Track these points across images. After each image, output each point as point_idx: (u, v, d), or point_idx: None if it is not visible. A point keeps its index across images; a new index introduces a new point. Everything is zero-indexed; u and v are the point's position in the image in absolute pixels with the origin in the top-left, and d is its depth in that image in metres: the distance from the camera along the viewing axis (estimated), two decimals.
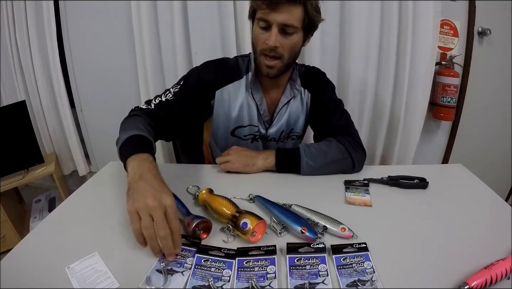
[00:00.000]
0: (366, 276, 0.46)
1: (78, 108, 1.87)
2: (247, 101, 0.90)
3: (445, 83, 1.46)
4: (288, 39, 0.77)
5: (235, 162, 0.81)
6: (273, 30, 0.75)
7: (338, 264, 0.49)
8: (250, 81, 0.88)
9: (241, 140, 0.95)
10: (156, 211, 0.49)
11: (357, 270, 0.48)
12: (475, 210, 0.63)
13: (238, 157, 0.82)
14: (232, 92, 0.90)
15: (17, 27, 1.65)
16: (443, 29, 1.44)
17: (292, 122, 0.95)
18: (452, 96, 1.47)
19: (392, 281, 0.45)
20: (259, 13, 0.76)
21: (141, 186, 0.53)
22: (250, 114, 0.92)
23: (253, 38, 0.82)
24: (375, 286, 0.44)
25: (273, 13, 0.73)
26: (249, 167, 0.81)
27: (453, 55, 1.46)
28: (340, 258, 0.50)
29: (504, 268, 0.44)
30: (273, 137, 0.96)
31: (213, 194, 0.66)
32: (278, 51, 0.77)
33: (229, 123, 0.93)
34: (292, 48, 0.80)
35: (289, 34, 0.77)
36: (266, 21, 0.75)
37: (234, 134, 0.95)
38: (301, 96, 0.94)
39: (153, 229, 0.49)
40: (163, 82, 1.58)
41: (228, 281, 0.47)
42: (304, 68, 0.96)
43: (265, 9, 0.73)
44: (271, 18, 0.74)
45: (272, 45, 0.76)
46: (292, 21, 0.75)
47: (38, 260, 0.52)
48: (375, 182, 0.75)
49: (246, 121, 0.92)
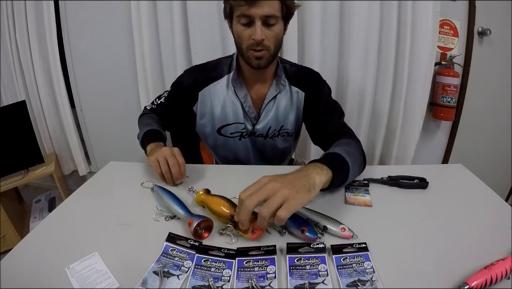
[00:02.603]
0: (366, 276, 0.46)
1: (78, 108, 1.87)
2: (230, 99, 0.92)
3: (445, 83, 1.46)
4: (271, 31, 0.79)
5: (290, 195, 0.51)
6: (257, 24, 0.76)
7: (338, 264, 0.49)
8: (232, 79, 0.90)
9: (228, 138, 0.97)
10: (167, 152, 0.75)
11: (357, 270, 0.48)
12: (475, 210, 0.63)
13: (285, 188, 0.51)
14: (212, 92, 0.93)
15: (17, 27, 1.65)
16: (443, 29, 1.44)
17: (281, 119, 0.95)
18: (452, 96, 1.47)
19: (392, 281, 0.45)
20: (238, 10, 0.77)
21: (156, 149, 0.78)
22: (234, 112, 0.93)
23: (236, 37, 0.83)
24: (375, 286, 0.44)
25: (253, 7, 0.74)
26: (312, 189, 0.55)
27: (453, 55, 1.46)
28: (340, 258, 0.50)
29: (504, 268, 0.44)
30: (260, 133, 0.96)
31: (210, 194, 0.65)
32: (264, 44, 0.79)
33: (214, 122, 0.96)
34: (277, 38, 0.81)
35: (272, 25, 0.78)
36: (248, 17, 0.76)
37: (221, 133, 0.97)
38: (290, 93, 0.94)
39: (167, 166, 0.73)
40: (162, 82, 1.58)
41: (228, 281, 0.47)
42: (296, 67, 0.96)
43: (244, 5, 0.74)
44: (252, 12, 0.75)
45: (259, 38, 0.77)
46: (273, 11, 0.76)
47: (38, 260, 0.52)
48: (375, 182, 0.75)
49: (231, 119, 0.94)
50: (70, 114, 1.82)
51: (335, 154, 0.66)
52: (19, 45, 1.69)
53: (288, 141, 1.01)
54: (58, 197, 1.89)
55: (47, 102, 1.81)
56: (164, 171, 0.73)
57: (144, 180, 0.77)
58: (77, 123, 1.90)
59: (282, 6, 0.78)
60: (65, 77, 1.75)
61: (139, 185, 0.75)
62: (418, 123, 1.51)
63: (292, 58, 1.37)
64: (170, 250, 0.53)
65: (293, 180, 0.54)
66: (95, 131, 1.93)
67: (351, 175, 0.67)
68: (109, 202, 0.70)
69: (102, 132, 1.91)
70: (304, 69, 0.98)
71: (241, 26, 0.79)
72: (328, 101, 0.94)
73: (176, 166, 0.73)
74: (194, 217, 0.57)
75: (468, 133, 1.66)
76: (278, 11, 0.77)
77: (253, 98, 0.93)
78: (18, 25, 1.65)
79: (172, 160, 0.73)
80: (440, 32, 1.43)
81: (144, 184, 0.75)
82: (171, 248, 0.53)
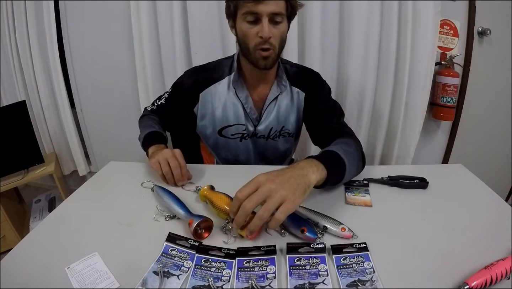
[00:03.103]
0: (366, 276, 0.46)
1: (78, 108, 1.87)
2: (231, 100, 0.91)
3: (445, 83, 1.46)
4: (277, 29, 0.78)
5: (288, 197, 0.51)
6: (264, 21, 0.75)
7: (338, 264, 0.49)
8: (233, 81, 0.89)
9: (229, 139, 0.96)
10: (168, 154, 0.75)
11: (357, 270, 0.48)
12: (475, 210, 0.63)
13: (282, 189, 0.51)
14: (213, 93, 0.92)
15: (17, 27, 1.65)
16: (443, 29, 1.44)
17: (282, 120, 0.95)
18: (452, 96, 1.47)
19: (392, 281, 0.45)
20: (244, 8, 0.76)
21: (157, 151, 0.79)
22: (236, 113, 0.92)
23: (242, 36, 0.80)
24: (375, 286, 0.44)
25: (260, 4, 0.73)
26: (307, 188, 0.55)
27: (453, 55, 1.46)
28: (340, 258, 0.50)
29: (504, 268, 0.44)
30: (262, 134, 0.96)
31: (214, 190, 0.67)
32: (271, 42, 0.78)
33: (215, 124, 0.95)
34: (282, 37, 0.80)
35: (278, 23, 0.77)
36: (255, 14, 0.75)
37: (222, 134, 0.96)
38: (291, 94, 0.94)
39: (168, 167, 0.73)
40: (162, 82, 1.58)
41: (228, 281, 0.47)
42: (296, 68, 0.96)
43: (251, 2, 0.73)
44: (260, 9, 0.74)
45: (267, 36, 0.75)
46: (279, 9, 0.76)
47: (38, 260, 0.52)
48: (375, 182, 0.75)
49: (232, 121, 0.93)
50: (70, 114, 1.82)
51: (332, 152, 0.66)
52: (19, 45, 1.69)
53: (289, 142, 1.01)
54: (58, 197, 1.89)
55: (47, 102, 1.81)
56: (165, 172, 0.74)
57: (144, 180, 0.77)
58: (77, 123, 1.90)
59: (287, 4, 0.78)
60: (65, 77, 1.75)
61: (139, 185, 0.75)
62: (418, 124, 1.51)
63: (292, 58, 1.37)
64: (170, 250, 0.53)
65: (289, 179, 0.53)
66: (95, 131, 1.93)
67: (348, 174, 0.67)
68: (109, 202, 0.70)
69: (102, 132, 1.91)
70: (304, 69, 0.98)
71: (247, 24, 0.77)
72: (328, 101, 0.94)
73: (178, 168, 0.73)
74: (194, 217, 0.57)
75: (468, 133, 1.66)
76: (284, 9, 0.77)
77: (254, 99, 0.92)
78: (18, 25, 1.65)
79: (173, 161, 0.73)
80: (440, 32, 1.43)
81: (144, 184, 0.76)
82: (171, 248, 0.53)
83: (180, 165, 0.74)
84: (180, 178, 0.74)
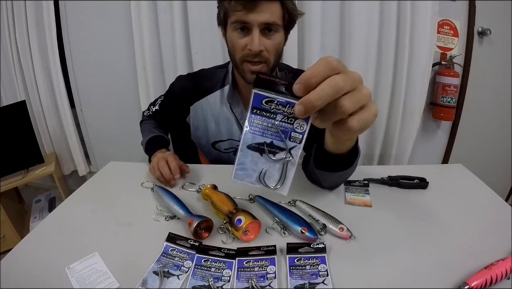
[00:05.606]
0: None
1: (78, 108, 1.87)
2: (225, 115, 0.86)
3: (445, 83, 1.46)
4: (271, 40, 0.69)
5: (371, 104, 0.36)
6: (254, 32, 0.67)
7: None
8: (228, 96, 0.83)
9: (222, 153, 0.93)
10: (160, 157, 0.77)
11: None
12: (475, 210, 0.63)
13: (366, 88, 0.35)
14: (204, 106, 0.87)
15: (17, 27, 1.65)
16: (443, 29, 1.44)
17: None
18: (452, 96, 1.47)
19: (392, 281, 0.45)
20: (234, 16, 0.68)
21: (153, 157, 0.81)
22: (229, 129, 0.88)
23: (230, 46, 0.73)
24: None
25: (252, 13, 0.65)
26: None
27: (453, 55, 1.46)
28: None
29: (504, 268, 0.44)
30: None
31: (216, 190, 0.67)
32: (263, 55, 0.70)
33: (208, 137, 0.92)
34: (277, 50, 0.72)
35: (272, 33, 0.69)
36: (244, 23, 0.67)
37: (215, 147, 0.93)
38: None
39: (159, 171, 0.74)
40: (163, 82, 1.59)
41: (228, 281, 0.47)
42: (293, 73, 0.90)
43: (242, 10, 0.65)
44: (250, 19, 0.66)
45: (256, 49, 0.67)
46: (273, 19, 0.67)
47: (38, 260, 0.52)
48: (375, 182, 0.74)
49: (225, 136, 0.90)
50: (70, 114, 1.82)
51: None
52: (19, 45, 1.69)
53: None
54: (58, 197, 1.89)
55: (47, 102, 1.81)
56: (157, 176, 0.75)
57: (144, 180, 0.77)
58: (76, 123, 1.90)
59: (284, 13, 0.69)
60: (65, 77, 1.75)
61: (139, 185, 0.75)
62: (416, 122, 1.51)
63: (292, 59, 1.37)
64: (170, 250, 0.53)
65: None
66: (95, 131, 1.93)
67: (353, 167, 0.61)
68: (109, 202, 0.70)
69: (102, 132, 1.91)
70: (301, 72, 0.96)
71: (236, 34, 0.70)
72: None
73: (165, 167, 0.73)
74: (194, 217, 0.57)
75: (468, 133, 1.66)
76: (279, 19, 0.69)
77: None
78: (18, 25, 1.65)
79: (161, 162, 0.75)
80: (440, 32, 1.43)
81: (144, 184, 0.75)
82: (171, 248, 0.53)
83: (168, 163, 0.74)
84: (169, 176, 0.72)
